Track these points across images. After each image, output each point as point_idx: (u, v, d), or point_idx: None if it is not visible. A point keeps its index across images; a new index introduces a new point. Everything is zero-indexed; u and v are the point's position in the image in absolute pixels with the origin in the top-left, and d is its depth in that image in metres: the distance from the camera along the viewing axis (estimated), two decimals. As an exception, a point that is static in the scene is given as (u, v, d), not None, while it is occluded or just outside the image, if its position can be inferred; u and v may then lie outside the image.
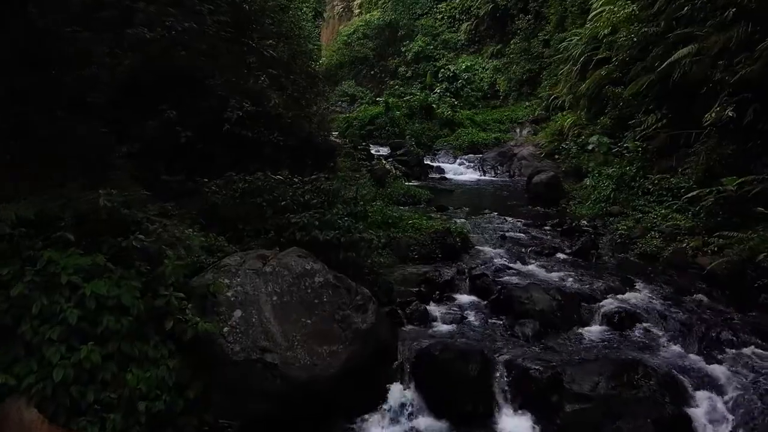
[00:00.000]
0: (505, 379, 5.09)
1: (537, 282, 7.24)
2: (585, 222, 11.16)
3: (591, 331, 6.24)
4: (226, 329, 4.41)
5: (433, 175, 18.44)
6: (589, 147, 14.62)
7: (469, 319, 6.52)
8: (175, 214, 5.64)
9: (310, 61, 14.20)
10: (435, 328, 6.23)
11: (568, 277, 7.75)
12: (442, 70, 28.52)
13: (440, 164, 19.89)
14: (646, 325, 6.25)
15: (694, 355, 5.63)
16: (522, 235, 10.25)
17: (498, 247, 9.26)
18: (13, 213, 4.14)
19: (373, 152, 18.68)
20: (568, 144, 16.10)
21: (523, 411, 4.89)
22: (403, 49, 30.55)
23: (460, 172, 19.18)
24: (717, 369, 5.31)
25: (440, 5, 31.78)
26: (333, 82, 29.56)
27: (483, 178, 18.69)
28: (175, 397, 4.04)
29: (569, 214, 12.10)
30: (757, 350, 5.62)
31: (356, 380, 4.72)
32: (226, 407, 4.34)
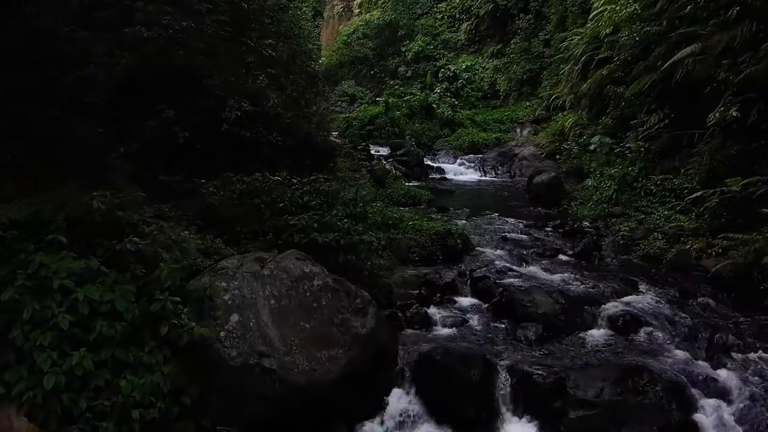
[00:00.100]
0: (508, 385, 5.00)
1: (539, 284, 7.15)
2: (587, 223, 11.07)
3: (594, 335, 6.15)
4: (222, 334, 4.34)
5: (434, 176, 18.35)
6: (590, 147, 14.53)
7: (471, 322, 6.44)
8: (172, 216, 5.54)
9: (309, 61, 14.09)
10: (436, 332, 6.16)
11: (571, 280, 7.66)
12: (443, 70, 28.40)
13: (440, 164, 19.78)
14: (650, 329, 6.16)
15: (701, 361, 5.53)
16: (523, 237, 10.17)
17: (499, 249, 9.16)
18: (5, 215, 4.06)
19: (373, 152, 18.56)
20: (570, 144, 16.03)
21: (526, 417, 4.81)
22: (403, 49, 30.45)
23: (461, 172, 19.08)
24: (724, 374, 5.21)
25: (440, 5, 31.64)
26: (333, 82, 29.45)
27: (483, 178, 18.60)
28: (171, 404, 3.98)
29: (571, 215, 12.02)
30: (765, 355, 5.53)
31: (356, 385, 4.66)
32: (224, 412, 4.29)
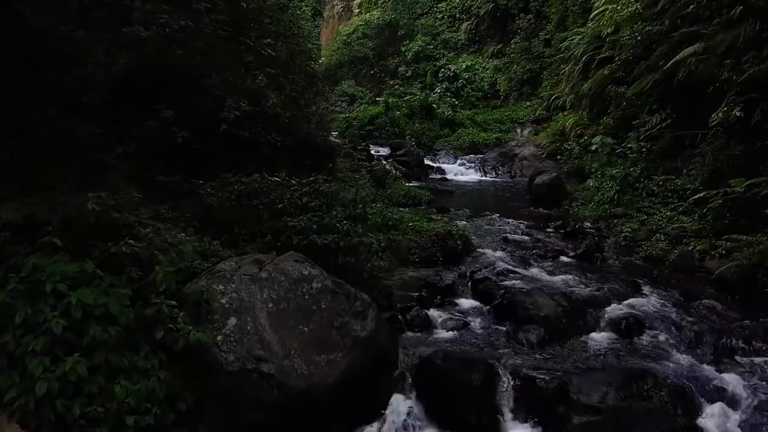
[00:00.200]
0: (510, 389, 4.93)
1: (541, 286, 7.06)
2: (588, 224, 10.97)
3: (597, 338, 6.06)
4: (219, 338, 4.28)
5: (434, 176, 18.27)
6: (591, 147, 14.42)
7: (472, 325, 6.35)
8: (169, 218, 5.48)
9: (309, 61, 14.02)
10: (436, 335, 6.08)
11: (573, 281, 7.57)
12: (443, 70, 28.32)
13: (441, 165, 19.71)
14: (654, 332, 6.07)
15: (706, 365, 5.45)
16: (524, 238, 10.08)
17: (500, 250, 9.08)
18: (-1, 217, 4.00)
19: (373, 152, 18.47)
20: (570, 144, 15.94)
21: (529, 422, 4.74)
22: (403, 49, 30.37)
23: (461, 172, 19.00)
24: (729, 379, 5.13)
25: (440, 5, 31.55)
26: (332, 82, 29.35)
27: (484, 178, 18.53)
28: (166, 410, 3.92)
29: (572, 215, 11.92)
30: (771, 358, 5.45)
31: (356, 389, 4.60)
32: (221, 417, 4.23)
